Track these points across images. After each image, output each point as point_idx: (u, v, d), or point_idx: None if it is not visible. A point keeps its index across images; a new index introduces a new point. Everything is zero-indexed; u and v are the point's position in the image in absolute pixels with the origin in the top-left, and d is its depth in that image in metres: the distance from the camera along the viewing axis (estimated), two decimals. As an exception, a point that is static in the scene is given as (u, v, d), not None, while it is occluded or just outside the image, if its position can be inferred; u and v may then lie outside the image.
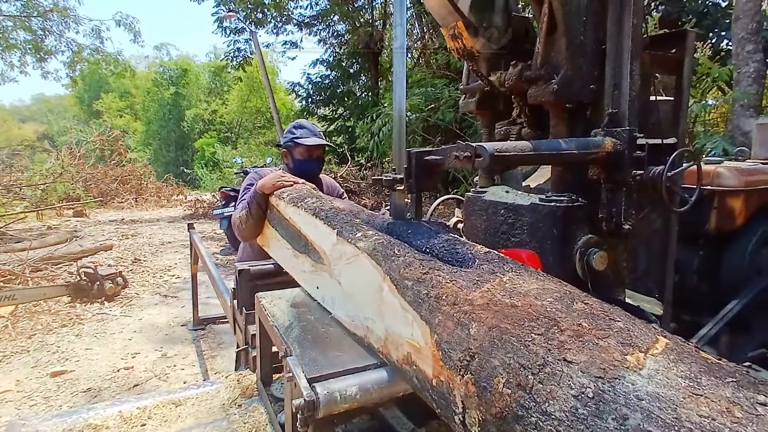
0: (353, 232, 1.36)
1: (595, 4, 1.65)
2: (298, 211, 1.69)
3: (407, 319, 1.04)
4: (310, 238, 1.56)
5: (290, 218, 1.75)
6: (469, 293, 0.96)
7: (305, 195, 1.81)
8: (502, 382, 0.77)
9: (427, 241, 1.27)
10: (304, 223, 1.62)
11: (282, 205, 1.86)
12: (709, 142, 4.81)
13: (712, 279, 2.32)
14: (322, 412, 1.05)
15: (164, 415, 1.60)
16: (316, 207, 1.62)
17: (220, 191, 7.44)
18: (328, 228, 1.45)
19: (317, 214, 1.55)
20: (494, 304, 0.90)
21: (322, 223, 1.49)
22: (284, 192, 1.91)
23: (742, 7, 4.96)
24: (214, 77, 25.68)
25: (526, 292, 0.91)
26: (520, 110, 1.91)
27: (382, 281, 1.15)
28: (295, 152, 2.42)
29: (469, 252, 1.15)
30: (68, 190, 11.26)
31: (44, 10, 13.48)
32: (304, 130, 2.42)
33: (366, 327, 1.23)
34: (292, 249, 1.71)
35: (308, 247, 1.57)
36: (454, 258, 1.15)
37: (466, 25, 1.72)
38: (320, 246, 1.48)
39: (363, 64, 14.22)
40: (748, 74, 4.90)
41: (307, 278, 1.60)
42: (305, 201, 1.71)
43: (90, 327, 4.19)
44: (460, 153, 1.37)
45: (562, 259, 1.63)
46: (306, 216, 1.62)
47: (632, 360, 0.69)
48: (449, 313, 0.95)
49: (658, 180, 1.60)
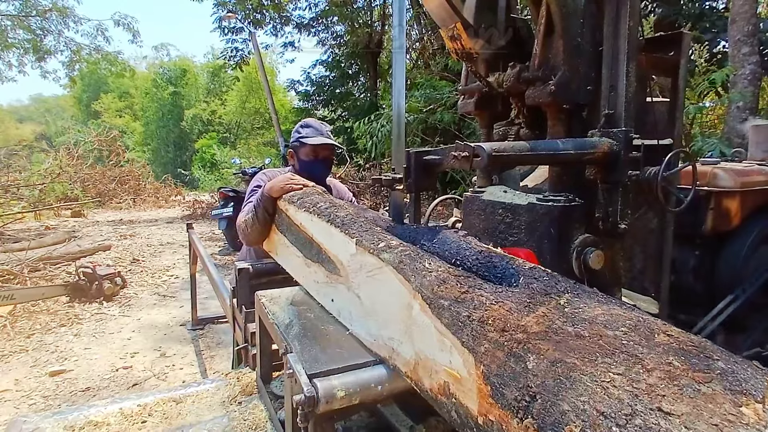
0: (375, 242, 1.25)
1: (592, 7, 1.68)
2: (309, 216, 1.58)
3: (444, 344, 0.93)
4: (324, 247, 1.45)
5: (301, 224, 1.63)
6: (520, 318, 0.84)
7: (317, 199, 1.69)
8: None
9: (457, 252, 1.19)
10: (317, 230, 1.51)
11: (292, 210, 1.74)
12: (706, 144, 4.84)
13: (708, 279, 2.35)
14: (322, 407, 1.06)
15: (165, 412, 1.62)
16: (330, 213, 1.50)
17: (219, 192, 7.44)
18: (345, 236, 1.34)
19: (332, 221, 1.44)
20: (554, 332, 0.78)
21: (338, 230, 1.38)
22: (294, 195, 1.80)
23: (738, 10, 5.00)
24: (213, 78, 25.68)
25: (591, 318, 0.79)
26: (518, 111, 1.93)
27: (411, 299, 1.04)
28: (301, 152, 2.30)
29: (510, 266, 1.05)
30: (66, 190, 11.24)
31: (43, 9, 13.48)
32: (310, 129, 2.30)
33: (391, 348, 1.12)
34: (303, 257, 1.60)
35: (322, 256, 1.47)
36: (493, 273, 1.05)
37: (464, 27, 1.74)
38: (336, 256, 1.38)
39: (362, 65, 14.25)
40: (744, 76, 4.93)
41: (321, 290, 1.50)
42: (317, 206, 1.59)
43: (89, 327, 4.19)
44: (459, 153, 1.38)
45: (559, 259, 1.65)
46: (319, 222, 1.50)
47: (750, 414, 0.55)
48: (498, 341, 0.82)
49: (653, 180, 1.62)
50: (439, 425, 1.41)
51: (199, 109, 24.39)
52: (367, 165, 11.30)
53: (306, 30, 13.95)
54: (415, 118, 8.79)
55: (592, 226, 1.70)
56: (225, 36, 13.11)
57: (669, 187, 1.69)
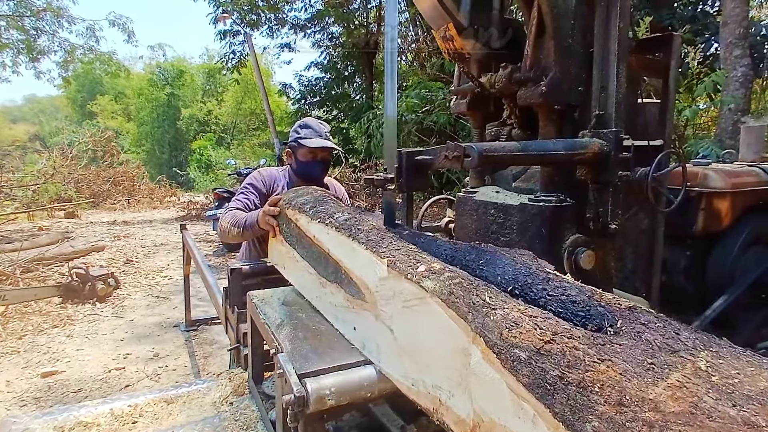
0: (412, 264, 1.05)
1: (582, 8, 1.69)
2: (325, 229, 1.40)
3: (523, 410, 0.72)
4: (345, 266, 1.27)
5: (315, 237, 1.46)
6: (644, 387, 0.61)
7: (332, 208, 1.50)
8: None
9: (515, 279, 0.99)
10: (336, 246, 1.33)
11: (303, 220, 1.56)
12: (699, 146, 4.88)
13: (699, 279, 2.36)
14: (312, 407, 1.06)
15: (155, 412, 1.61)
16: (351, 226, 1.32)
17: (214, 192, 7.43)
18: (372, 256, 1.15)
19: (355, 236, 1.26)
20: (706, 414, 0.55)
21: (362, 248, 1.20)
22: (305, 203, 1.62)
23: (730, 13, 5.05)
24: (209, 79, 25.63)
25: (758, 394, 0.57)
26: (510, 112, 1.94)
27: (468, 342, 0.84)
28: (299, 154, 2.27)
29: (596, 302, 0.85)
30: (60, 191, 11.17)
31: (37, 9, 13.41)
32: (309, 130, 2.25)
33: (437, 399, 0.94)
34: (317, 275, 1.43)
35: (341, 276, 1.29)
36: (574, 312, 0.84)
37: (456, 27, 1.75)
38: (361, 278, 1.19)
39: (358, 67, 14.25)
40: (736, 78, 4.97)
41: (340, 315, 1.32)
42: (335, 217, 1.41)
43: (81, 328, 4.16)
44: (450, 153, 1.39)
45: (551, 259, 1.65)
46: (338, 237, 1.32)
47: None
48: (615, 420, 0.59)
49: (644, 181, 1.64)
50: (430, 425, 1.41)
51: (195, 110, 24.33)
52: (362, 166, 11.31)
53: (302, 31, 13.94)
54: (411, 119, 8.80)
55: (583, 226, 1.72)
56: (222, 40, 13.09)
57: (659, 187, 1.71)
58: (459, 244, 1.23)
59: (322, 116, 14.69)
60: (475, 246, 1.18)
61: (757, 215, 2.40)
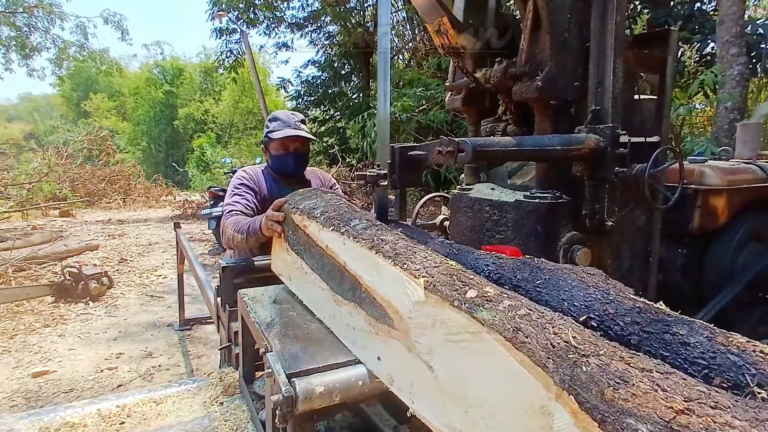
0: (458, 287, 0.86)
1: (579, 2, 1.67)
2: (340, 238, 1.22)
3: None
4: (366, 283, 1.08)
5: (327, 247, 1.28)
6: None
7: (348, 214, 1.31)
8: None
9: (589, 306, 0.81)
10: (354, 259, 1.15)
11: (313, 227, 1.37)
12: (696, 144, 4.87)
13: (695, 277, 2.35)
14: (301, 407, 1.03)
15: (144, 413, 1.58)
16: (373, 236, 1.13)
17: (209, 191, 7.38)
18: (403, 274, 0.96)
19: (378, 248, 1.07)
20: None
21: (389, 263, 1.01)
22: (315, 207, 1.43)
23: (726, 11, 5.04)
24: (206, 77, 25.53)
25: None
26: (506, 107, 1.92)
27: (548, 399, 0.63)
28: (271, 148, 2.18)
29: (726, 349, 0.65)
30: (54, 189, 11.10)
31: (29, 6, 13.31)
32: (277, 122, 2.14)
33: None
34: (331, 291, 1.26)
35: (361, 295, 1.10)
36: (691, 359, 0.66)
37: (451, 21, 1.72)
38: (388, 300, 0.99)
39: (354, 66, 14.22)
40: (732, 77, 4.97)
41: (359, 339, 1.14)
42: (351, 224, 1.24)
43: (74, 327, 4.12)
44: (443, 148, 1.37)
45: (546, 256, 1.63)
46: (356, 249, 1.14)
47: None
48: None
49: (640, 177, 1.62)
50: (423, 426, 1.39)
51: (193, 108, 24.24)
52: (359, 165, 11.28)
53: (299, 30, 13.90)
54: (409, 118, 8.78)
55: (579, 223, 1.70)
56: (219, 38, 13.04)
57: (656, 184, 1.69)
58: (504, 258, 1.03)
59: (319, 115, 14.65)
60: (526, 261, 0.99)
61: (753, 213, 2.39)
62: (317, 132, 13.46)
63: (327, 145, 12.96)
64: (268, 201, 2.07)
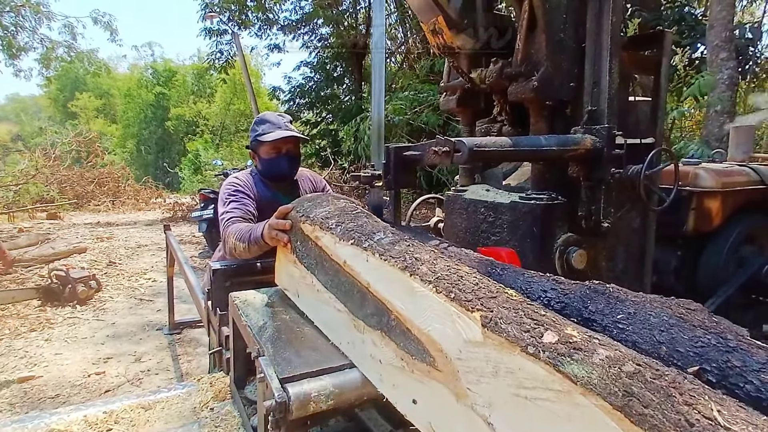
0: (529, 327, 0.69)
1: (575, 2, 1.66)
2: (362, 254, 1.06)
3: None
4: (398, 311, 0.91)
5: (345, 263, 1.12)
6: None
7: (369, 225, 1.17)
8: None
9: (701, 353, 0.66)
10: (381, 279, 0.99)
11: (327, 240, 1.22)
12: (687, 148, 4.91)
13: (690, 279, 2.35)
14: (295, 413, 1.01)
15: (132, 419, 1.53)
16: (404, 254, 0.97)
17: (200, 193, 7.31)
18: (451, 305, 0.79)
19: (414, 270, 0.91)
20: None
21: (431, 290, 0.84)
22: (329, 217, 1.28)
23: (716, 16, 5.10)
24: (198, 79, 25.38)
25: None
26: (501, 108, 1.91)
27: None
28: (261, 151, 2.09)
29: None
30: (42, 191, 10.94)
31: (16, 5, 13.13)
32: (267, 124, 2.08)
33: None
34: (350, 314, 1.10)
35: (389, 323, 0.94)
36: None
37: (446, 21, 1.70)
38: (428, 334, 0.83)
39: (347, 68, 14.23)
40: (722, 81, 5.02)
41: (387, 376, 0.96)
42: (375, 238, 1.08)
43: (60, 331, 4.04)
44: (439, 148, 1.35)
45: (542, 258, 1.62)
46: (385, 268, 0.98)
47: None
48: None
49: (636, 178, 1.61)
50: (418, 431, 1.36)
51: (184, 110, 24.08)
52: (352, 168, 11.26)
53: (291, 32, 13.87)
54: (401, 120, 8.78)
55: (575, 224, 1.69)
56: (210, 39, 12.98)
57: (651, 185, 1.68)
58: (566, 283, 0.86)
59: (312, 118, 14.62)
60: (597, 288, 0.81)
61: (747, 215, 2.40)
62: (309, 134, 13.44)
63: (319, 147, 12.93)
64: (263, 207, 2.03)
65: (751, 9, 10.27)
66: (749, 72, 6.36)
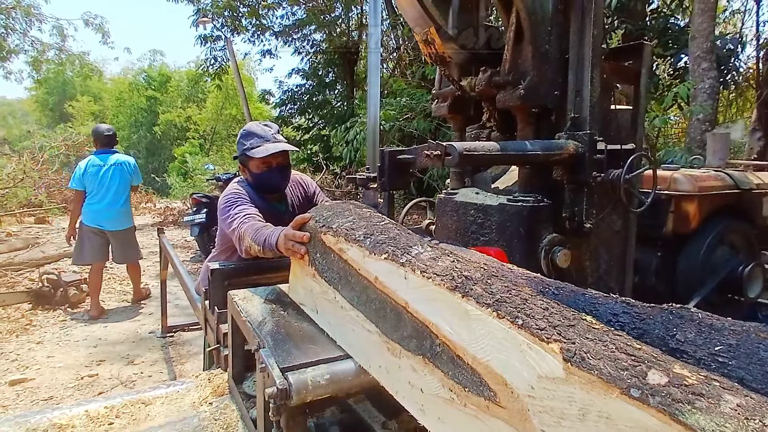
0: (631, 367, 0.57)
1: (559, 16, 1.76)
2: (400, 270, 0.96)
3: None
4: (446, 336, 0.82)
5: (377, 280, 1.03)
6: None
7: (405, 239, 1.06)
8: None
9: None
10: (424, 301, 0.89)
11: (355, 253, 1.12)
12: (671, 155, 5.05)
13: (669, 279, 2.45)
14: (295, 399, 1.06)
15: (132, 414, 1.58)
16: (452, 272, 0.87)
17: (191, 197, 7.30)
18: (520, 333, 0.69)
19: (466, 291, 0.81)
20: None
21: (491, 316, 0.74)
22: (355, 228, 1.18)
23: (698, 27, 5.27)
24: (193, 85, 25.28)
25: None
26: (490, 114, 1.99)
27: None
28: (251, 166, 2.03)
29: None
30: (30, 196, 10.82)
31: (6, 7, 13.04)
32: (254, 138, 2.01)
33: None
34: (383, 336, 1.00)
35: (434, 347, 0.85)
36: None
37: (438, 32, 1.79)
38: (487, 365, 0.73)
39: (339, 74, 14.30)
40: (703, 90, 5.18)
41: (431, 407, 0.86)
42: (412, 253, 0.98)
43: (52, 334, 4.04)
44: (431, 151, 1.42)
45: (528, 257, 1.70)
46: (431, 289, 0.87)
47: None
48: None
49: (616, 182, 1.70)
50: (411, 421, 1.42)
51: (174, 115, 23.96)
52: (343, 173, 11.31)
53: (283, 37, 13.93)
54: (392, 126, 8.87)
55: (560, 225, 1.77)
56: (203, 45, 12.98)
57: (631, 188, 1.77)
58: (640, 306, 0.77)
59: (303, 123, 14.66)
60: (682, 314, 0.71)
61: (723, 218, 2.51)
62: (301, 140, 13.47)
63: (311, 153, 12.97)
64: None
65: (733, 21, 10.57)
66: (730, 81, 6.56)
